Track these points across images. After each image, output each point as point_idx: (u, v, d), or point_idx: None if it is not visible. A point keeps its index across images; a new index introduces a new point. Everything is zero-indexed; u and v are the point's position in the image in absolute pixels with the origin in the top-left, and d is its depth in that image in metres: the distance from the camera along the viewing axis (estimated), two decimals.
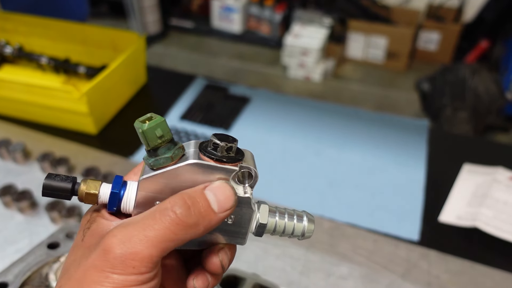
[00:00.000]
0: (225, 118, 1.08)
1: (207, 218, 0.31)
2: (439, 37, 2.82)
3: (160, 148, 0.32)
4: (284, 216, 0.36)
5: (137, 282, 0.29)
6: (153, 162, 0.32)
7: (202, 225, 0.31)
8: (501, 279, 0.73)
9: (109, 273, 0.29)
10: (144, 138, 0.32)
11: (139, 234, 0.29)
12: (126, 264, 0.29)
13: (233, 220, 0.34)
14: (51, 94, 0.97)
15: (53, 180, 0.32)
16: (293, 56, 2.75)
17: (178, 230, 0.30)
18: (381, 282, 0.72)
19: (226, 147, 0.32)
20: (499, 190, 0.86)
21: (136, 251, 0.29)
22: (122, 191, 0.33)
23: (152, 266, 0.29)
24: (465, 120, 2.12)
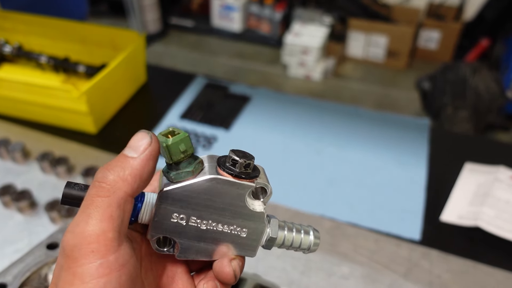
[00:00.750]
0: (225, 117, 1.07)
1: (128, 165, 0.30)
2: (440, 35, 2.82)
3: (182, 163, 0.33)
4: (292, 231, 0.38)
5: (107, 269, 0.28)
6: (174, 175, 0.33)
7: (128, 173, 0.30)
8: (503, 278, 0.73)
9: (75, 269, 0.27)
10: (167, 152, 0.32)
11: (82, 217, 0.29)
12: (84, 251, 0.27)
13: (246, 233, 0.36)
14: (51, 93, 0.97)
15: (72, 189, 0.32)
16: (293, 55, 2.74)
17: (108, 193, 0.29)
18: (382, 282, 0.72)
19: (245, 163, 0.34)
20: (501, 189, 0.85)
21: (88, 234, 0.28)
22: (140, 204, 0.34)
23: (112, 243, 0.28)
24: (465, 119, 2.11)
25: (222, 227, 0.35)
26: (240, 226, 0.36)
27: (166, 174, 0.34)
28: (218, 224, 0.35)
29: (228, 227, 0.35)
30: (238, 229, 0.36)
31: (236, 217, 0.35)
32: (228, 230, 0.35)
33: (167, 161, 0.33)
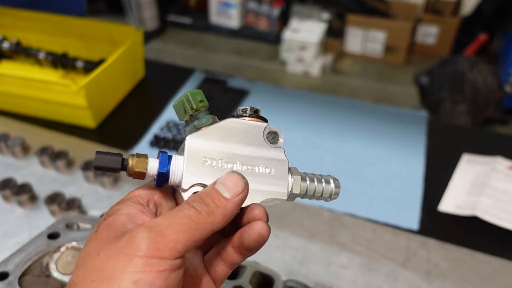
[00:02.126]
0: (224, 110, 1.08)
1: (221, 205, 0.32)
2: (438, 30, 2.82)
3: (201, 113, 0.36)
4: (313, 181, 0.40)
5: (159, 267, 0.28)
6: (198, 122, 0.36)
7: (219, 213, 0.32)
8: (500, 266, 0.73)
9: (133, 256, 0.28)
10: (188, 102, 0.36)
11: (164, 221, 0.30)
12: (151, 245, 0.28)
13: (274, 171, 0.38)
14: (49, 88, 0.97)
15: (104, 155, 0.33)
16: (292, 51, 2.75)
17: (199, 220, 0.31)
18: (380, 271, 0.72)
19: (254, 109, 0.38)
20: (498, 179, 0.86)
21: (163, 233, 0.29)
22: (168, 167, 0.35)
23: (176, 253, 0.29)
24: (463, 113, 2.12)
25: (250, 166, 0.37)
26: (266, 165, 0.37)
27: (190, 127, 0.36)
28: (245, 165, 0.37)
29: (256, 166, 0.37)
30: (264, 167, 0.37)
31: (260, 156, 0.37)
32: (256, 169, 0.37)
33: (188, 112, 0.36)
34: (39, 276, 0.54)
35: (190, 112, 0.36)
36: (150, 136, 1.00)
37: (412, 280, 0.71)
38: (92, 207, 0.83)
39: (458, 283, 0.71)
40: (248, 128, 0.37)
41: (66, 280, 0.54)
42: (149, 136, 1.00)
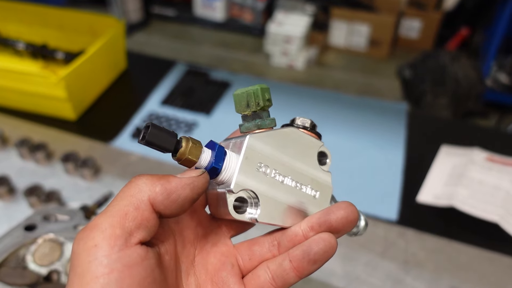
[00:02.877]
0: (206, 103, 1.07)
1: (165, 178, 0.30)
2: (421, 24, 2.84)
3: (264, 112, 0.34)
4: None
5: (107, 268, 0.26)
6: (261, 122, 0.33)
7: (160, 184, 0.29)
8: (475, 255, 0.75)
9: (76, 267, 0.26)
10: (256, 97, 0.33)
11: (101, 212, 0.28)
12: (88, 245, 0.26)
13: (319, 195, 0.36)
14: (28, 79, 0.96)
15: (159, 131, 0.29)
16: (276, 44, 2.74)
17: (132, 192, 0.29)
18: (359, 260, 0.73)
19: (313, 124, 0.37)
20: (475, 171, 0.88)
21: (95, 226, 0.27)
22: (222, 162, 0.32)
23: (116, 241, 0.27)
24: (445, 105, 2.15)
25: (299, 184, 0.35)
26: (313, 187, 0.35)
27: (249, 124, 0.34)
28: (295, 181, 0.34)
29: (304, 186, 0.35)
30: (311, 189, 0.35)
31: (310, 176, 0.35)
32: (304, 189, 0.35)
33: (252, 107, 0.33)
34: (15, 267, 0.53)
35: (254, 109, 0.33)
36: (131, 128, 0.99)
37: (390, 269, 0.72)
38: (72, 199, 0.82)
39: (435, 272, 0.72)
40: (305, 142, 0.35)
41: (42, 272, 0.54)
42: (130, 128, 1.00)
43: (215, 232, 0.35)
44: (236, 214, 0.32)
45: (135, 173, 0.87)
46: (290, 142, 0.34)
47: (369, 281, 0.71)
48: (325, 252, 0.31)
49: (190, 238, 0.34)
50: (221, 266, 0.34)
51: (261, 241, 0.35)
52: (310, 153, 0.36)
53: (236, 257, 0.35)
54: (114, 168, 0.89)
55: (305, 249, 0.32)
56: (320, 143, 0.37)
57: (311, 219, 0.33)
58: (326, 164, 0.37)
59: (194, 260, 0.34)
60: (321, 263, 0.32)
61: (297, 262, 0.32)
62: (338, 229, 0.32)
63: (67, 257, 0.56)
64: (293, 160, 0.35)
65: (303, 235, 0.33)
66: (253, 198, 0.33)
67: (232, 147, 0.33)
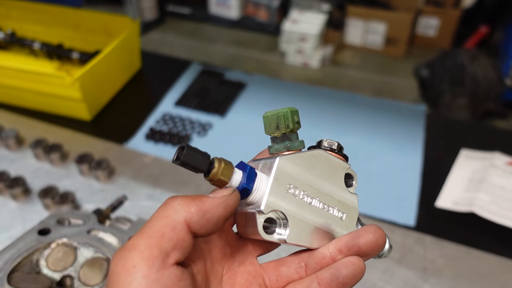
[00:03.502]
0: (221, 103, 1.07)
1: (198, 199, 0.30)
2: (438, 22, 2.80)
3: (293, 134, 0.35)
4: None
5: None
6: (290, 144, 0.34)
7: (194, 204, 0.30)
8: (496, 263, 0.73)
9: (115, 287, 0.27)
10: (285, 119, 0.34)
11: (138, 232, 0.29)
12: (127, 265, 0.27)
13: (345, 216, 0.36)
14: (44, 80, 0.96)
15: (194, 152, 0.30)
16: (291, 42, 2.72)
17: (169, 213, 0.29)
18: (376, 268, 0.72)
19: (340, 146, 0.37)
20: (496, 175, 0.85)
21: (133, 247, 0.27)
22: (252, 183, 0.32)
23: (154, 262, 0.27)
24: (463, 106, 2.11)
25: (326, 206, 0.35)
26: (340, 208, 0.36)
27: (278, 146, 0.35)
28: (323, 203, 0.35)
29: (331, 207, 0.35)
30: (338, 211, 0.36)
31: (337, 198, 0.36)
32: (331, 210, 0.35)
33: (281, 129, 0.34)
34: (29, 273, 0.53)
35: (283, 131, 0.34)
36: (146, 129, 0.99)
37: (408, 277, 0.71)
38: (86, 201, 0.82)
39: (454, 280, 0.70)
40: (333, 164, 0.36)
41: (56, 277, 0.54)
42: (144, 129, 0.99)
43: (242, 251, 0.35)
44: (265, 235, 0.32)
45: (149, 175, 0.86)
46: (318, 164, 0.35)
47: None
48: (354, 276, 0.31)
49: (218, 257, 0.34)
50: (249, 286, 0.34)
51: (288, 262, 0.35)
52: (337, 175, 0.36)
53: (263, 277, 0.35)
54: (128, 170, 0.88)
55: (334, 272, 0.32)
56: (347, 165, 0.37)
57: (340, 242, 0.33)
58: (352, 186, 0.37)
59: (222, 280, 0.34)
60: (350, 286, 0.32)
61: (325, 285, 0.32)
62: (367, 252, 0.32)
63: (80, 262, 0.55)
64: (321, 182, 0.35)
65: (331, 257, 0.33)
66: (282, 219, 0.33)
67: (262, 168, 0.34)
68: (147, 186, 0.84)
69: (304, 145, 0.35)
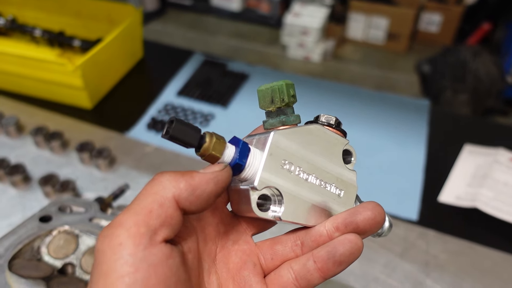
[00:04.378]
0: (223, 94, 1.06)
1: (188, 175, 0.29)
2: (441, 18, 2.78)
3: (289, 108, 0.33)
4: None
5: (132, 267, 0.25)
6: (285, 118, 0.33)
7: (183, 180, 0.29)
8: (499, 259, 0.72)
9: (101, 266, 0.26)
10: (280, 93, 0.33)
11: (124, 209, 0.28)
12: (113, 243, 0.26)
13: (343, 193, 0.35)
14: (45, 67, 0.95)
15: (184, 126, 0.29)
16: (293, 35, 2.71)
17: (156, 190, 0.28)
18: (378, 261, 0.72)
19: (338, 121, 0.36)
20: (499, 171, 0.85)
21: (119, 224, 0.26)
22: (245, 159, 0.31)
23: (141, 239, 0.26)
24: (464, 102, 2.10)
25: (323, 183, 0.34)
26: (338, 185, 0.34)
27: (273, 120, 0.33)
28: (320, 179, 0.34)
29: (328, 184, 0.34)
30: (335, 187, 0.34)
31: (335, 174, 0.34)
32: (328, 187, 0.34)
33: (276, 103, 0.33)
34: (30, 260, 0.52)
35: (278, 105, 0.33)
36: (147, 119, 0.98)
37: (410, 271, 0.70)
38: (86, 189, 0.81)
39: (457, 275, 0.70)
40: (331, 140, 0.34)
41: (57, 264, 0.53)
42: (146, 118, 0.98)
43: (237, 230, 0.35)
44: (259, 212, 0.31)
45: (151, 164, 0.86)
46: (315, 139, 0.34)
47: (388, 282, 0.69)
48: (351, 253, 0.31)
49: (212, 236, 0.33)
50: (243, 265, 0.33)
51: (283, 240, 0.34)
52: (335, 151, 0.35)
53: (258, 256, 0.34)
54: (129, 159, 0.87)
55: (331, 250, 0.31)
56: (346, 140, 0.36)
57: (337, 219, 0.32)
58: (351, 163, 0.36)
59: (216, 258, 0.33)
60: (347, 265, 0.31)
61: (321, 263, 0.31)
62: (365, 230, 0.31)
63: (82, 250, 0.55)
64: (318, 157, 0.34)
65: (328, 235, 0.32)
66: (277, 196, 0.32)
67: (256, 144, 0.33)
68: (148, 175, 0.84)
69: (300, 120, 0.34)
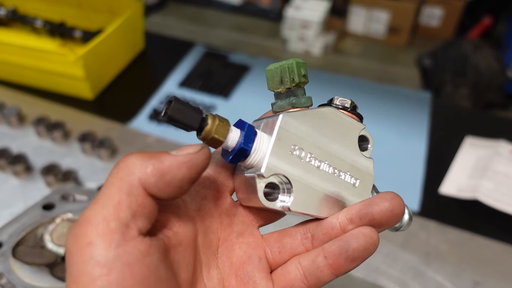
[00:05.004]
0: (225, 86, 1.06)
1: (157, 157, 0.25)
2: (442, 12, 2.78)
3: (300, 89, 0.31)
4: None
5: (104, 269, 0.23)
6: (296, 100, 0.30)
7: (151, 163, 0.25)
8: (500, 250, 0.73)
9: (71, 268, 0.23)
10: (290, 72, 0.30)
11: (92, 201, 0.25)
12: (81, 243, 0.23)
13: (359, 183, 0.33)
14: (47, 57, 0.94)
15: (183, 106, 0.26)
16: (293, 29, 2.70)
17: (122, 174, 0.25)
18: (379, 252, 0.72)
19: (354, 104, 0.33)
20: (500, 163, 0.85)
21: (87, 221, 0.24)
22: (251, 143, 0.29)
23: (113, 236, 0.23)
24: (465, 96, 2.10)
25: (337, 171, 0.31)
26: (353, 174, 0.32)
27: (282, 102, 0.31)
28: (333, 167, 0.31)
29: (343, 172, 0.31)
30: (350, 176, 0.32)
31: (350, 162, 0.32)
32: (342, 176, 0.31)
33: (286, 84, 0.30)
34: (33, 246, 0.53)
35: (288, 85, 0.30)
36: (149, 109, 0.98)
37: (411, 261, 0.71)
38: (88, 179, 0.81)
39: (457, 266, 0.70)
40: (346, 124, 0.32)
41: (61, 251, 0.53)
42: (148, 109, 0.98)
43: (242, 221, 0.32)
44: (266, 202, 0.29)
45: None
46: (328, 123, 0.31)
47: (389, 272, 0.70)
48: (366, 248, 0.28)
49: (213, 227, 0.31)
50: (247, 259, 0.31)
51: (293, 233, 0.31)
52: (350, 136, 0.32)
53: (265, 250, 0.31)
54: (131, 149, 0.88)
55: (343, 244, 0.28)
56: (362, 125, 0.33)
57: (351, 210, 0.30)
58: (368, 150, 0.34)
59: (217, 252, 0.30)
60: (361, 261, 0.28)
61: (333, 259, 0.28)
62: (381, 223, 0.29)
63: None
64: (331, 143, 0.31)
65: (341, 228, 0.30)
66: (286, 184, 0.29)
67: (264, 128, 0.30)
68: None
69: (312, 102, 0.31)
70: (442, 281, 0.68)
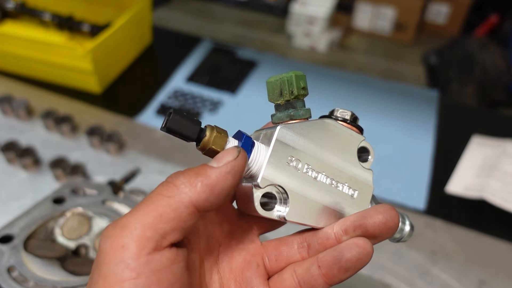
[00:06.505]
0: (232, 81, 1.06)
1: (203, 173, 0.27)
2: (449, 10, 2.76)
3: (299, 101, 0.31)
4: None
5: (134, 272, 0.24)
6: (294, 112, 0.31)
7: (199, 180, 0.27)
8: (506, 250, 0.73)
9: (101, 267, 0.25)
10: (289, 85, 0.31)
11: (132, 209, 0.26)
12: (116, 244, 0.25)
13: (357, 194, 0.33)
14: (55, 50, 0.95)
15: (182, 118, 0.27)
16: (299, 24, 2.69)
17: (171, 193, 0.26)
18: (386, 250, 0.72)
19: (354, 116, 0.34)
20: (507, 163, 0.85)
21: (125, 225, 0.25)
22: (249, 154, 0.30)
23: (147, 243, 0.25)
24: (471, 94, 2.10)
25: (335, 182, 0.32)
26: (351, 185, 0.33)
27: (281, 114, 0.31)
28: (331, 178, 0.32)
29: (340, 183, 0.32)
30: (348, 187, 0.32)
31: (348, 173, 0.32)
32: (340, 187, 0.32)
33: (285, 96, 0.31)
34: (44, 240, 0.53)
35: (287, 97, 0.31)
36: (156, 104, 0.98)
37: (417, 259, 0.71)
38: (96, 173, 0.82)
39: (464, 265, 0.70)
40: (344, 136, 0.32)
41: (71, 245, 0.54)
42: (155, 104, 0.98)
43: (242, 229, 0.33)
44: (262, 211, 0.30)
45: (160, 150, 0.86)
46: (327, 135, 0.32)
47: (395, 270, 0.70)
48: (359, 259, 0.29)
49: (215, 234, 0.32)
50: (246, 266, 0.32)
51: (290, 241, 0.32)
52: (349, 148, 0.33)
53: (263, 257, 0.32)
54: (138, 144, 0.88)
55: (336, 254, 0.29)
56: (361, 137, 0.34)
57: (346, 221, 0.30)
58: (368, 161, 0.34)
59: (218, 258, 0.32)
60: (354, 271, 0.29)
61: (326, 269, 0.29)
62: (375, 235, 0.29)
63: (95, 231, 0.55)
64: (329, 155, 0.32)
65: (336, 238, 0.30)
66: (282, 194, 0.30)
67: (262, 139, 0.31)
68: (158, 160, 0.84)
69: (311, 114, 0.32)
70: (448, 279, 0.69)
